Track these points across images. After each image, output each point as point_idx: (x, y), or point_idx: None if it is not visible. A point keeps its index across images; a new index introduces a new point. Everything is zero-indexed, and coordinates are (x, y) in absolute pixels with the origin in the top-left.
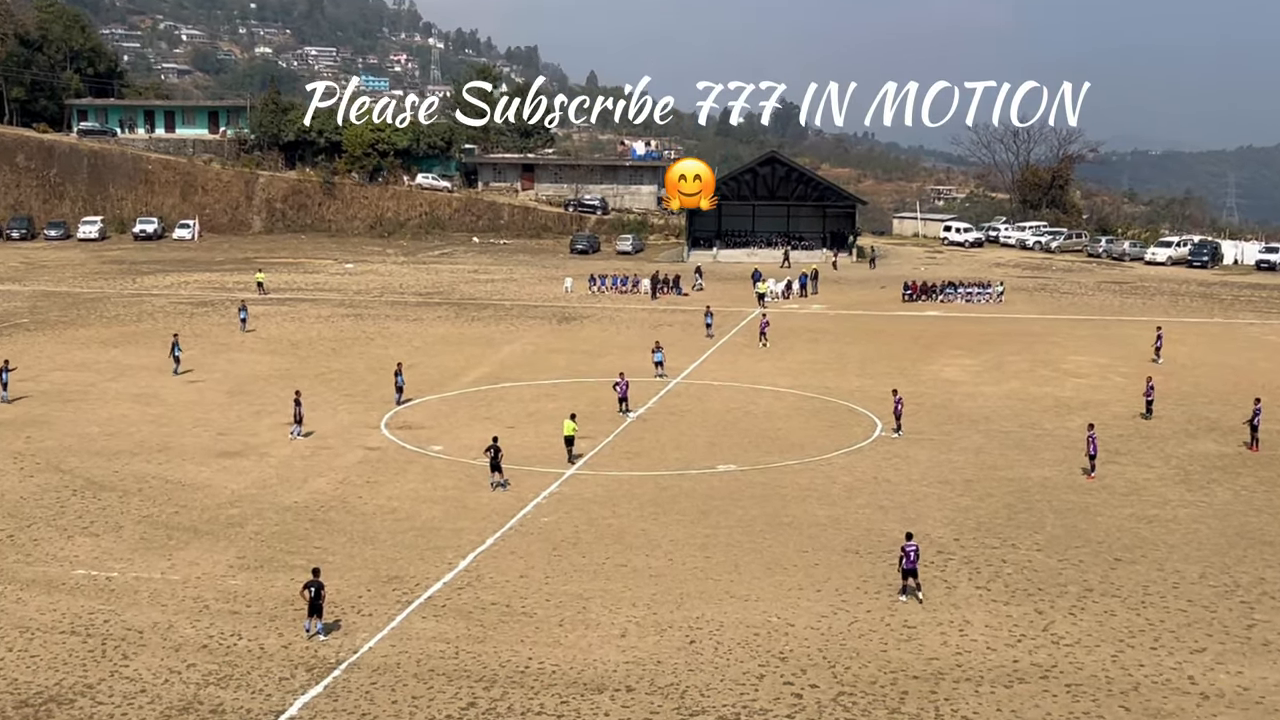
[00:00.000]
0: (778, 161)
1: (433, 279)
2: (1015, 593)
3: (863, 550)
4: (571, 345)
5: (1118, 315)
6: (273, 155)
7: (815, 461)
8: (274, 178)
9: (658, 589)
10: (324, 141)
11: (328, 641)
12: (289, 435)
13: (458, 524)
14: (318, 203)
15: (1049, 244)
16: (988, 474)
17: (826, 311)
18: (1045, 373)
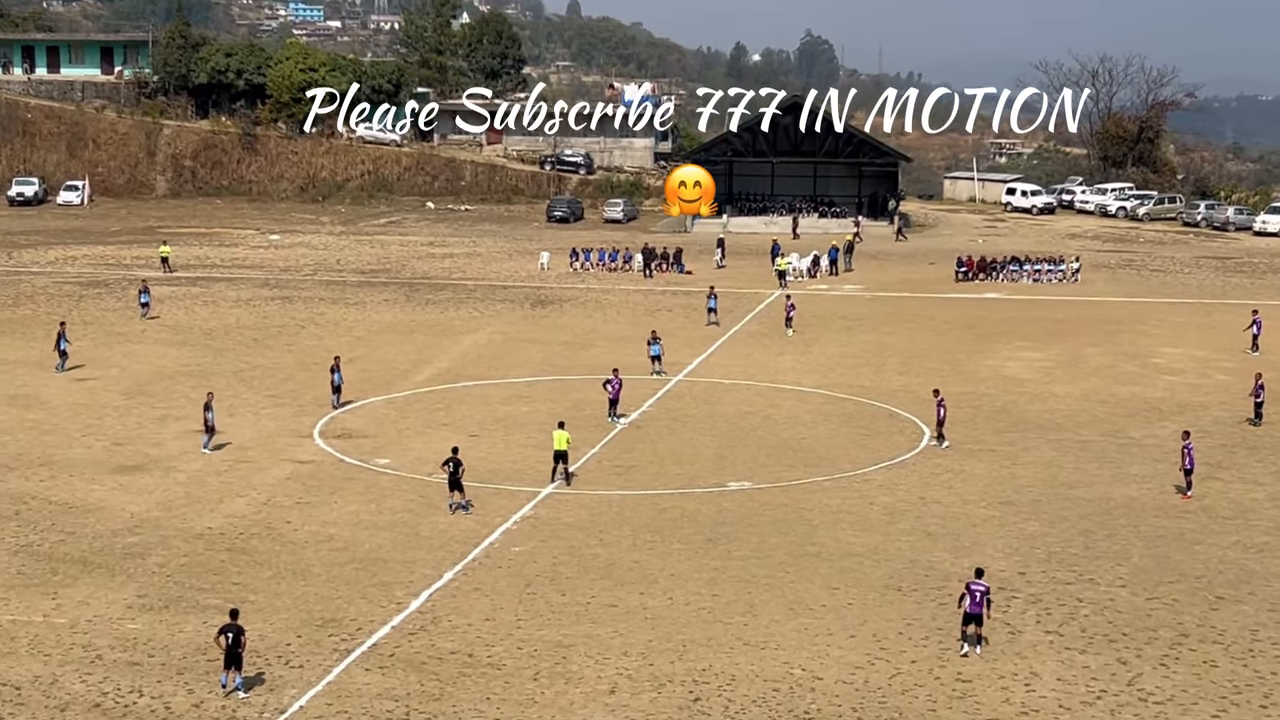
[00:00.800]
0: (801, 109)
1: (378, 253)
2: (1094, 639)
3: (906, 587)
4: (548, 335)
5: (1220, 298)
6: (181, 101)
7: (848, 478)
8: (182, 129)
9: (654, 635)
10: (244, 84)
11: (249, 699)
12: (200, 448)
13: (409, 555)
14: (236, 160)
15: (1136, 210)
16: (1060, 493)
17: (862, 293)
18: (1131, 368)
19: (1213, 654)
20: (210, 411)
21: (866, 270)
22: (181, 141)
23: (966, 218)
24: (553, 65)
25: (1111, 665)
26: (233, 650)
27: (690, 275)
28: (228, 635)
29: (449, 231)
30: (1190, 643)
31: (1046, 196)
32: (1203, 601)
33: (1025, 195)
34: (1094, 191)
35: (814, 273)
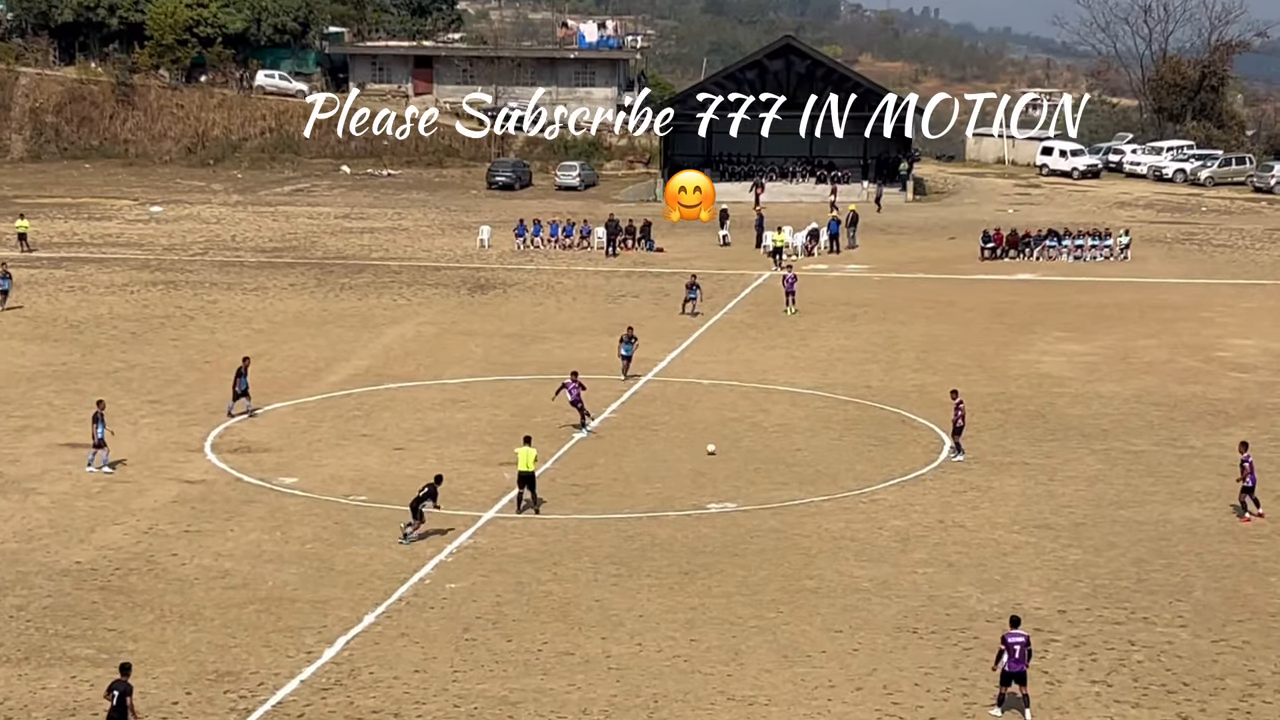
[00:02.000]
0: (795, 53)
1: (282, 228)
2: (1149, 689)
3: (923, 629)
4: (490, 326)
5: None
6: (41, 43)
7: (852, 497)
8: (42, 77)
9: (620, 689)
10: (118, 23)
11: None
12: (87, 466)
13: (321, 594)
14: (109, 114)
15: (1197, 173)
16: (1108, 514)
17: (869, 274)
18: (1192, 364)
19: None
20: (100, 424)
21: (875, 246)
22: (41, 93)
23: (994, 183)
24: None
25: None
26: (117, 712)
27: (662, 253)
28: (113, 694)
29: (369, 201)
30: (1265, 693)
31: (1090, 157)
32: (1279, 644)
33: (1065, 156)
34: (1147, 151)
35: (811, 249)
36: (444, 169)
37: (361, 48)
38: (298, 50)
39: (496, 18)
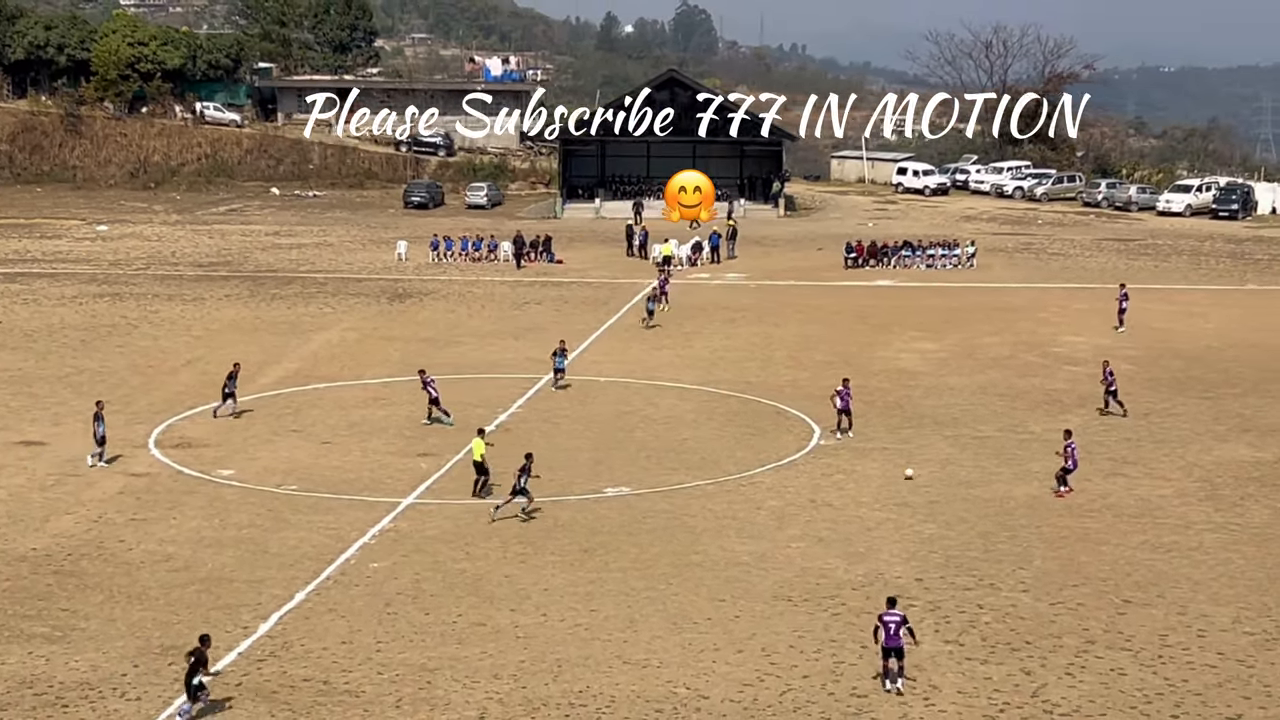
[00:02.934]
0: (679, 84)
1: (217, 244)
2: (996, 648)
3: (796, 597)
4: (408, 332)
5: (1124, 282)
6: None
7: (733, 481)
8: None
9: (527, 655)
10: (65, 60)
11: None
12: (89, 462)
13: (256, 574)
14: (58, 143)
15: (1034, 190)
16: (958, 493)
17: (746, 282)
18: (1031, 359)
19: (1120, 661)
20: (100, 423)
21: (751, 257)
22: None
23: (856, 200)
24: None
25: (1015, 675)
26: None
27: (561, 264)
28: (189, 659)
29: (296, 220)
30: (1097, 650)
31: (940, 176)
32: (1109, 606)
33: (917, 175)
34: (989, 171)
35: (695, 260)
36: (364, 190)
37: (288, 81)
38: (230, 84)
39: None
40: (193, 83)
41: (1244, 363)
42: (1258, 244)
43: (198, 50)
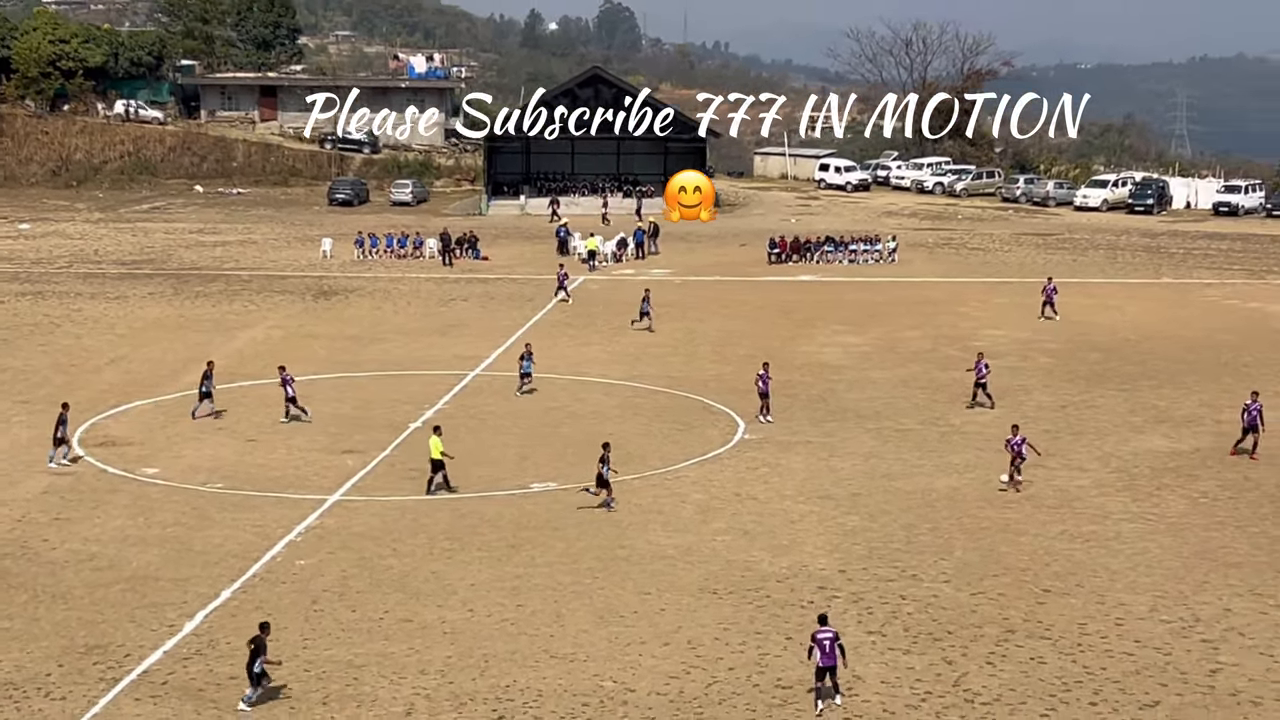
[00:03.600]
0: (603, 81)
1: (141, 242)
2: (918, 638)
3: (722, 590)
4: (333, 329)
5: (1041, 276)
6: None
7: (659, 475)
8: None
9: (454, 650)
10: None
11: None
12: (48, 463)
13: (182, 572)
14: None
15: (953, 186)
16: (880, 485)
17: (671, 278)
18: (952, 352)
19: (1040, 650)
20: (63, 425)
21: (675, 253)
22: None
23: (779, 196)
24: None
25: (937, 665)
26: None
27: (487, 261)
28: (250, 646)
29: (220, 217)
30: (1017, 639)
31: (861, 173)
32: (1029, 595)
33: (839, 172)
34: (910, 167)
35: (620, 256)
36: (289, 187)
37: (211, 79)
38: (153, 81)
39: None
40: (115, 80)
41: (1160, 355)
42: (1172, 238)
43: (120, 48)
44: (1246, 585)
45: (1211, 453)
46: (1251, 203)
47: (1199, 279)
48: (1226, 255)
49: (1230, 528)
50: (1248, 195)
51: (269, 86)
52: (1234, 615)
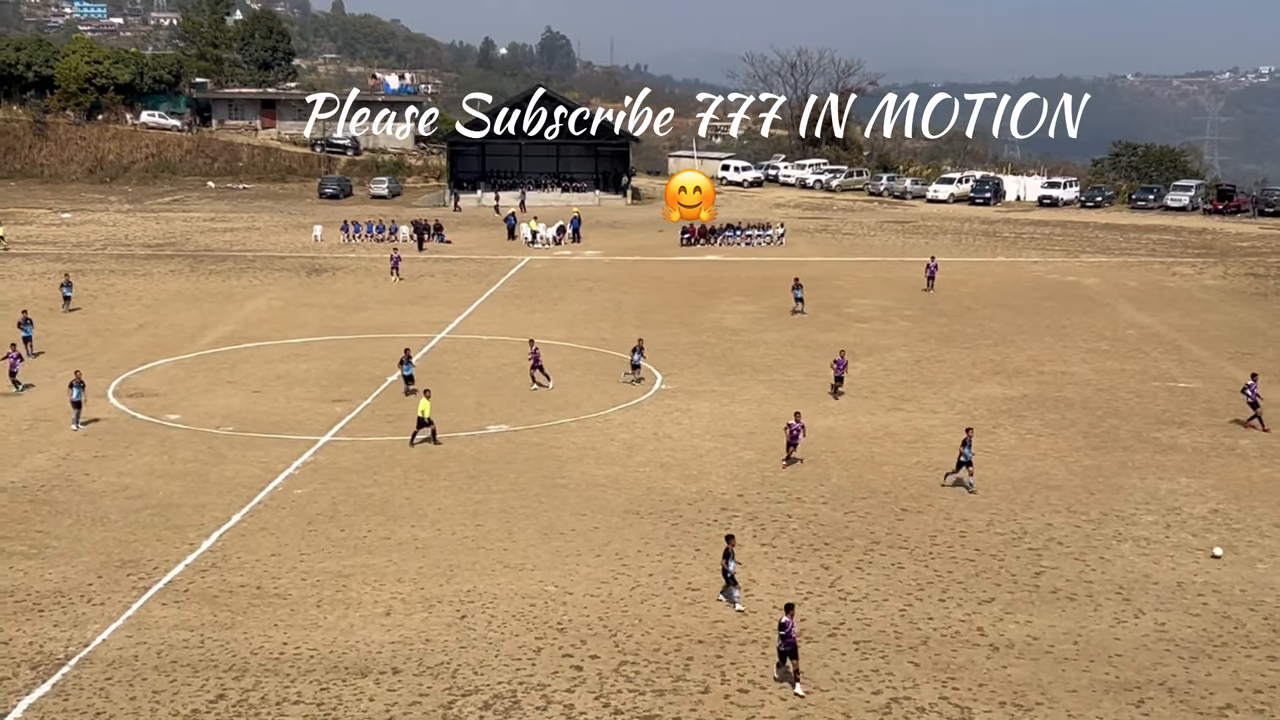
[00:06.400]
0: (546, 97)
1: (163, 229)
2: (801, 549)
3: (644, 511)
4: (324, 300)
5: (900, 256)
6: None
7: (592, 419)
8: None
9: (425, 562)
10: (33, 75)
11: (55, 635)
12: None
13: (199, 500)
14: (28, 145)
15: (830, 182)
16: (772, 426)
17: (601, 258)
18: (829, 318)
19: (899, 558)
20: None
21: (603, 238)
22: None
23: None
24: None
25: (816, 570)
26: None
27: (451, 244)
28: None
29: (229, 208)
30: (881, 549)
31: (755, 172)
32: (890, 514)
33: (738, 171)
34: (794, 167)
35: (559, 240)
36: (285, 183)
37: (220, 93)
38: (172, 96)
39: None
40: (141, 94)
41: (995, 319)
42: (1005, 224)
43: (144, 68)
44: (1064, 504)
45: (1037, 398)
46: (1069, 196)
47: (1027, 257)
48: (1049, 238)
49: (1051, 458)
50: (1066, 190)
51: (269, 100)
52: (1054, 528)
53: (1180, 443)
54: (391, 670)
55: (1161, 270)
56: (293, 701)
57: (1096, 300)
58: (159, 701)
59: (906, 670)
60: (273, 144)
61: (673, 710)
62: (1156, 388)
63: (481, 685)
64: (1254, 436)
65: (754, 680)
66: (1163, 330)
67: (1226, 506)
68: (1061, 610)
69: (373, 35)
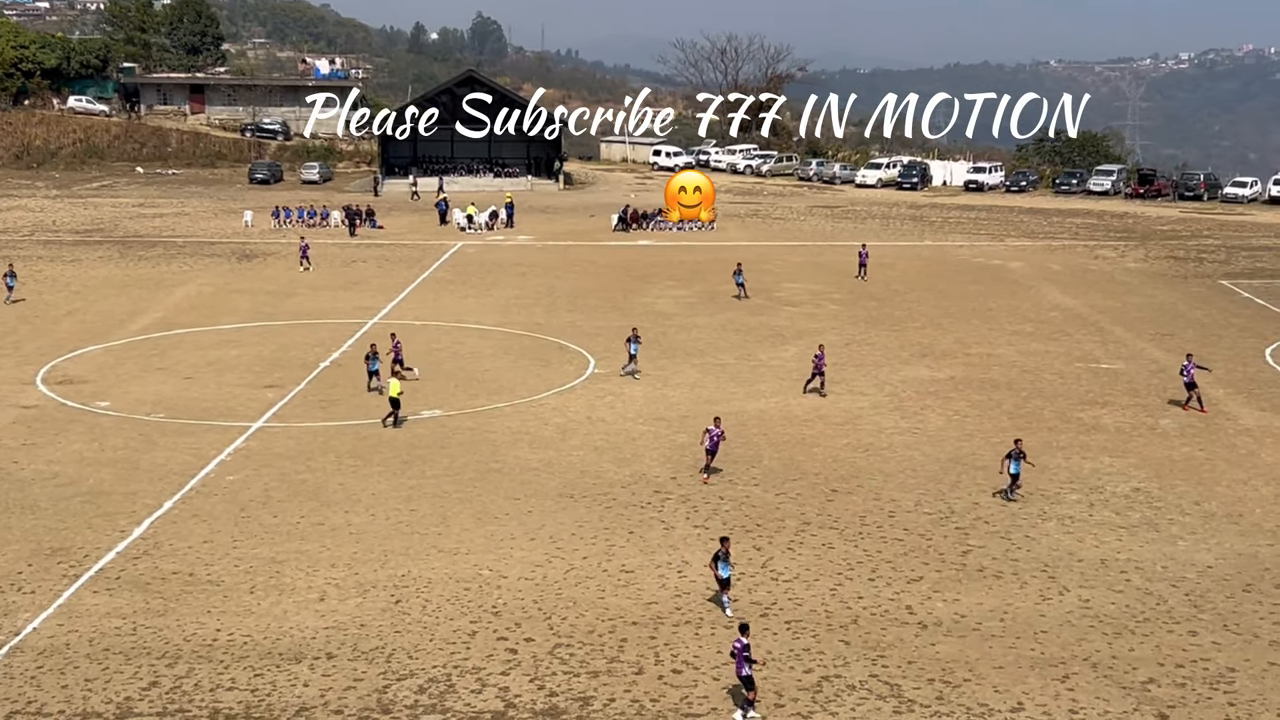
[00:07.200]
0: (477, 82)
1: (92, 215)
2: (734, 530)
3: (577, 494)
4: (255, 285)
5: (830, 240)
6: None
7: (526, 403)
8: None
9: (359, 547)
10: None
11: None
12: None
13: (130, 487)
14: None
15: (760, 168)
16: (703, 409)
17: (534, 243)
18: (760, 301)
19: (830, 538)
20: None
21: (536, 222)
22: None
23: (621, 176)
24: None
25: (749, 551)
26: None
27: (383, 229)
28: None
29: (158, 194)
30: (812, 529)
31: (687, 157)
32: (821, 495)
33: (669, 156)
34: (726, 152)
35: (492, 225)
36: (215, 169)
37: (149, 78)
38: (100, 81)
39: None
40: (67, 80)
41: (922, 303)
42: (932, 209)
43: (71, 52)
44: (991, 484)
45: (964, 380)
46: (994, 181)
47: (953, 241)
48: (975, 222)
49: (978, 439)
50: (991, 175)
51: (198, 85)
52: (980, 508)
53: (1103, 423)
54: (326, 655)
55: (1084, 253)
56: (226, 688)
57: (1021, 283)
58: (91, 689)
59: (837, 649)
60: (202, 129)
61: (607, 691)
62: (1080, 369)
63: (416, 669)
64: (1174, 415)
65: (688, 661)
66: (1086, 312)
67: (1148, 485)
68: (988, 588)
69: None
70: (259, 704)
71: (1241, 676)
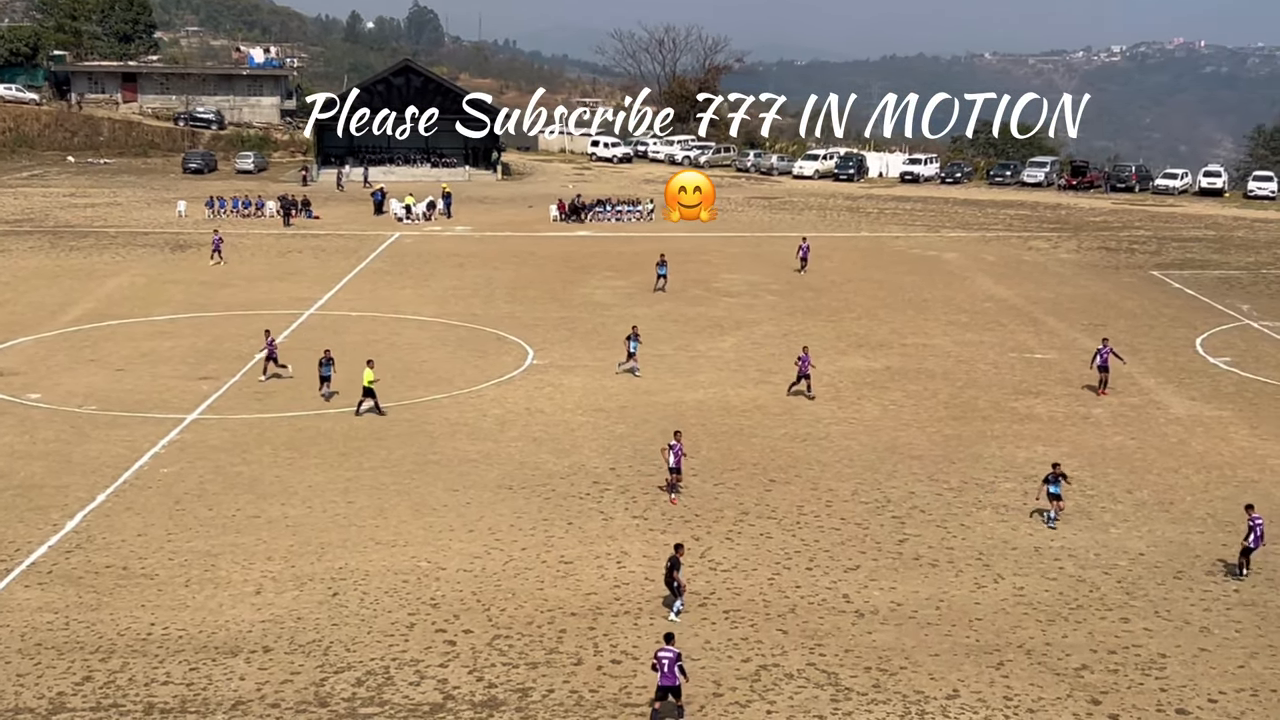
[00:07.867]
0: (413, 71)
1: (21, 205)
2: (672, 520)
3: (516, 486)
4: (189, 276)
5: (768, 231)
6: None
7: (464, 394)
8: None
9: (296, 540)
10: None
11: None
12: None
13: (62, 480)
14: None
15: (698, 159)
16: (642, 400)
17: (472, 234)
18: (698, 292)
19: (768, 528)
20: None
21: (474, 213)
22: None
23: (559, 166)
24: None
25: (687, 541)
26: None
27: (319, 220)
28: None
29: (90, 183)
30: (750, 519)
31: (625, 148)
32: (759, 485)
33: (607, 147)
34: (664, 143)
35: (430, 216)
36: (148, 158)
37: (80, 66)
38: (29, 69)
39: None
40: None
41: (859, 294)
42: (869, 200)
43: (0, 41)
44: (925, 473)
45: (899, 370)
46: (929, 173)
47: (889, 232)
48: (910, 214)
49: (914, 428)
50: (927, 167)
51: (130, 73)
52: (916, 496)
53: (1037, 412)
54: (262, 649)
55: (1018, 244)
56: (161, 682)
57: (956, 274)
58: (23, 685)
59: (775, 638)
60: (135, 118)
61: (546, 683)
62: (1014, 359)
63: (354, 662)
64: (1105, 405)
65: (626, 651)
66: (1019, 303)
67: (1081, 473)
68: (924, 576)
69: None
70: (194, 698)
71: (1173, 662)
